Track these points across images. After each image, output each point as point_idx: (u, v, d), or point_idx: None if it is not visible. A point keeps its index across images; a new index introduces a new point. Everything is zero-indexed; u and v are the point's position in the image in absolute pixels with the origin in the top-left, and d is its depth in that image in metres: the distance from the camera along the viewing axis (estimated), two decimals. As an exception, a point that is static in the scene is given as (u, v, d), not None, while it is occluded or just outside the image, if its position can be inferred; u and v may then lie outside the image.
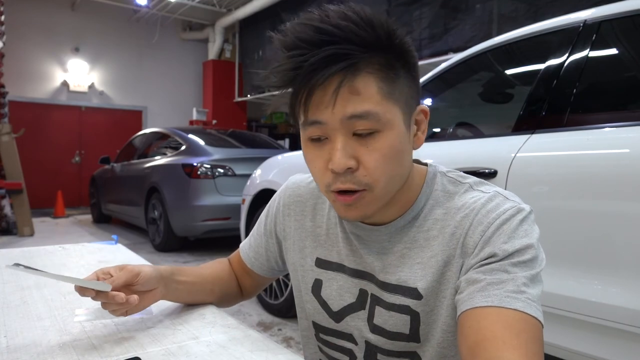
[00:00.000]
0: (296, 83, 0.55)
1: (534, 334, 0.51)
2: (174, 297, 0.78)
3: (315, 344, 0.79)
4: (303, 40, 0.53)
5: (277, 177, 2.83)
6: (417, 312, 0.64)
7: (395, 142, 0.58)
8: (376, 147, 0.57)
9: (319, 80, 0.53)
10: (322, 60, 0.52)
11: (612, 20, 1.57)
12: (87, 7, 8.65)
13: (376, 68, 0.55)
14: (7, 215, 5.53)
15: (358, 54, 0.53)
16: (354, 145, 0.57)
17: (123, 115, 9.36)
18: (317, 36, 0.53)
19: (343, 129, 0.56)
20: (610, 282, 1.34)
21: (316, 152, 0.59)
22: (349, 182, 0.57)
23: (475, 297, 0.54)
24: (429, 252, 0.64)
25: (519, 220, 0.58)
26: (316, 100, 0.55)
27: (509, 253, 0.56)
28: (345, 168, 0.56)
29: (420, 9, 5.42)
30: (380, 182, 0.58)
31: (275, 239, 0.84)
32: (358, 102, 0.54)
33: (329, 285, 0.73)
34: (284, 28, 0.56)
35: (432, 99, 2.28)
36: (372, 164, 0.57)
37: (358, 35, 0.53)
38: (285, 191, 0.83)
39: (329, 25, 0.53)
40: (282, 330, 2.66)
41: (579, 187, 1.44)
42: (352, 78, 0.54)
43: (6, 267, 0.67)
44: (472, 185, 0.65)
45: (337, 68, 0.52)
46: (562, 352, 1.47)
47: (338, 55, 0.52)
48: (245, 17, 8.63)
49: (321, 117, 0.56)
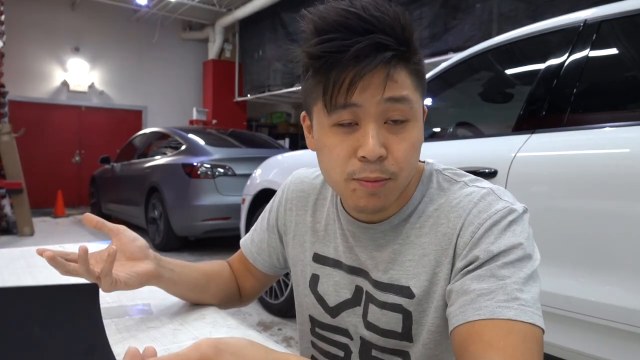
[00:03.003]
0: (338, 66, 0.55)
1: (525, 337, 0.50)
2: (167, 281, 0.73)
3: (309, 340, 0.79)
4: (343, 25, 0.54)
5: (277, 176, 2.84)
6: (410, 311, 0.64)
7: (420, 134, 0.60)
8: (405, 136, 0.58)
9: (367, 67, 0.54)
10: (368, 47, 0.53)
11: (612, 20, 1.57)
12: (87, 7, 8.65)
13: (408, 61, 0.57)
14: (7, 214, 5.53)
15: (399, 46, 0.55)
16: (384, 134, 0.58)
17: (123, 115, 9.36)
18: (360, 23, 0.54)
19: (377, 116, 0.57)
20: (610, 282, 1.34)
21: (342, 138, 0.58)
22: (377, 170, 0.57)
23: (467, 310, 0.53)
24: (420, 249, 0.64)
25: (509, 222, 0.57)
26: (361, 85, 0.55)
27: (494, 254, 0.55)
28: (379, 156, 0.56)
29: (420, 8, 5.42)
30: (404, 171, 0.59)
31: (277, 234, 0.84)
32: (396, 88, 0.56)
33: (325, 281, 0.74)
34: (314, 10, 0.57)
35: (432, 99, 2.28)
36: (401, 153, 0.58)
37: (393, 29, 0.55)
38: (289, 185, 0.83)
39: (368, 16, 0.54)
40: (282, 330, 2.66)
41: (579, 187, 1.44)
42: (392, 66, 0.55)
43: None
44: (467, 182, 0.65)
45: (385, 56, 0.54)
46: (562, 352, 1.47)
47: (382, 45, 0.54)
48: (245, 17, 8.63)
49: (359, 99, 0.56)
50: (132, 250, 0.70)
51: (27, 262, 1.10)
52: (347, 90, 0.55)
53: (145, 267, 0.69)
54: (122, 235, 0.70)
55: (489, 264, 0.55)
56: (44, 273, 1.01)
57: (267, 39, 8.46)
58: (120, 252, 0.69)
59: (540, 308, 0.53)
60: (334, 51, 0.54)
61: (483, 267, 0.55)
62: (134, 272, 0.67)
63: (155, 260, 0.71)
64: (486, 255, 0.55)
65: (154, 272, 0.70)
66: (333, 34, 0.54)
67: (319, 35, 0.55)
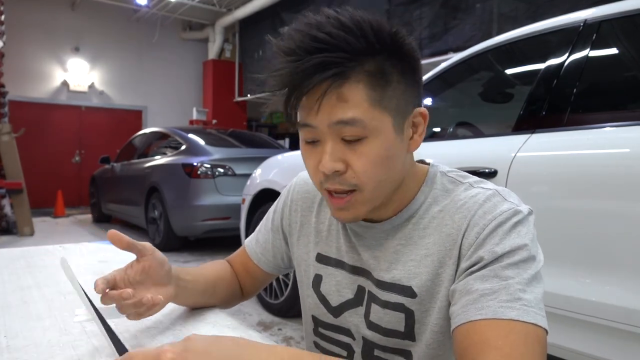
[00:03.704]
0: (289, 87, 0.56)
1: (526, 337, 0.50)
2: (183, 297, 0.73)
3: (312, 340, 0.79)
4: (298, 46, 0.55)
5: (277, 176, 2.83)
6: (412, 310, 0.64)
7: (382, 149, 0.58)
8: (363, 152, 0.58)
9: (308, 87, 0.55)
10: (311, 67, 0.54)
11: (612, 20, 1.57)
12: (87, 7, 8.65)
13: (365, 75, 0.56)
14: (7, 214, 5.53)
15: (346, 62, 0.54)
16: (342, 149, 0.59)
17: (123, 115, 9.36)
18: (311, 44, 0.54)
19: (332, 134, 0.58)
20: (610, 282, 1.34)
21: (310, 153, 0.62)
22: (337, 183, 0.60)
23: (469, 310, 0.53)
24: (423, 250, 0.64)
25: (514, 223, 0.57)
26: (306, 105, 0.57)
27: (498, 255, 0.55)
28: (333, 171, 0.59)
29: (420, 8, 5.42)
30: (368, 185, 0.60)
31: (282, 235, 0.84)
32: (345, 109, 0.56)
33: (328, 281, 0.74)
34: (282, 32, 0.58)
35: (432, 99, 2.28)
36: (360, 167, 0.59)
37: (349, 44, 0.54)
38: (294, 187, 0.84)
39: (322, 33, 0.54)
40: (282, 330, 2.66)
41: (579, 187, 1.44)
42: (340, 85, 0.55)
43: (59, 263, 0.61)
44: (472, 184, 0.65)
45: (324, 76, 0.54)
46: (562, 352, 1.47)
47: (326, 63, 0.54)
48: (245, 17, 8.63)
49: (311, 121, 0.58)
50: (160, 276, 0.67)
51: (27, 262, 1.10)
52: (295, 112, 0.58)
53: (168, 293, 0.68)
54: (152, 258, 0.66)
55: (493, 265, 0.55)
56: (44, 273, 1.01)
57: (267, 39, 8.45)
58: (147, 275, 0.65)
59: (543, 309, 0.53)
60: (286, 72, 0.55)
61: (487, 268, 0.55)
62: (157, 302, 0.63)
63: (174, 282, 0.70)
64: (491, 256, 0.55)
65: (173, 295, 0.69)
66: (291, 56, 0.55)
67: (282, 57, 0.57)
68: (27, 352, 0.60)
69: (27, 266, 1.06)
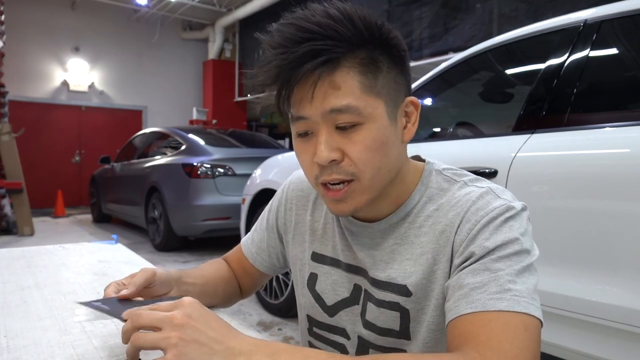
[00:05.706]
0: (279, 80, 0.56)
1: (517, 327, 0.49)
2: None
3: (306, 340, 0.79)
4: (286, 39, 0.55)
5: (277, 176, 2.84)
6: (407, 309, 0.64)
7: (378, 134, 0.58)
8: (358, 139, 0.58)
9: (298, 76, 0.54)
10: (300, 57, 0.54)
11: (612, 20, 1.57)
12: (87, 7, 8.65)
13: (357, 63, 0.56)
14: (7, 214, 5.53)
15: (336, 49, 0.54)
16: (337, 138, 0.58)
17: (123, 115, 9.36)
18: (299, 34, 0.54)
19: (326, 123, 0.58)
20: (610, 282, 1.34)
21: (304, 147, 0.61)
22: (334, 173, 0.59)
23: (460, 304, 0.53)
24: (419, 248, 0.64)
25: (506, 218, 0.57)
26: (298, 96, 0.57)
27: (489, 250, 0.55)
28: (329, 160, 0.58)
29: (421, 8, 5.42)
30: (366, 172, 0.59)
31: (277, 234, 0.84)
32: (338, 97, 0.56)
33: (323, 280, 0.74)
34: (270, 28, 0.58)
35: (432, 99, 2.28)
36: (357, 154, 0.58)
37: (338, 32, 0.54)
38: (289, 185, 0.84)
39: (310, 24, 0.54)
40: (282, 330, 2.66)
41: (579, 187, 1.44)
42: (331, 73, 0.55)
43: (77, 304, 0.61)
44: (467, 182, 0.65)
45: (314, 64, 0.54)
46: (562, 352, 1.47)
47: (316, 52, 0.54)
48: (245, 17, 8.63)
49: (304, 112, 0.58)
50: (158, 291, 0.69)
51: (27, 262, 1.10)
52: (288, 104, 0.58)
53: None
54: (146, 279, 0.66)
55: (484, 259, 0.55)
56: (44, 273, 1.01)
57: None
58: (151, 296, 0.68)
59: (536, 299, 0.53)
60: (275, 65, 0.55)
61: (478, 262, 0.55)
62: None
63: (175, 284, 0.72)
64: (482, 251, 0.55)
65: None
66: (279, 49, 0.55)
67: (270, 51, 0.57)
68: (27, 352, 0.60)
69: (27, 266, 1.06)
